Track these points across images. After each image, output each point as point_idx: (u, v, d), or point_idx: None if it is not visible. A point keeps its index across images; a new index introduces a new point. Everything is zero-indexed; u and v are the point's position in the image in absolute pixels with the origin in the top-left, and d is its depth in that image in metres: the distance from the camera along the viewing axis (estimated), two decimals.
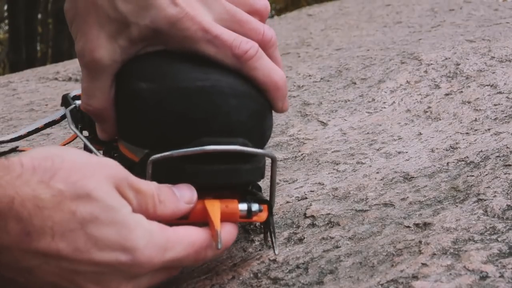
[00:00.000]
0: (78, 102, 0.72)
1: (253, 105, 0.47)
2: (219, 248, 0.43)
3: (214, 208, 0.45)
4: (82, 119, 0.67)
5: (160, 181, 0.46)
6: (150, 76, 0.47)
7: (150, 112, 0.46)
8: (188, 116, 0.45)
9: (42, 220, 0.38)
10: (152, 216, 0.43)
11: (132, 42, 0.48)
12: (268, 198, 0.49)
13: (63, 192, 0.39)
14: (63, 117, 0.76)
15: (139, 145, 0.48)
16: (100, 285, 0.41)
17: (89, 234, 0.39)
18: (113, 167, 0.43)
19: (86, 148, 0.71)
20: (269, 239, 0.50)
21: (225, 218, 0.46)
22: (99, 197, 0.40)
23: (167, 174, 0.46)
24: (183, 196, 0.45)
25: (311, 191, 0.64)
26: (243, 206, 0.47)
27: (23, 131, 0.83)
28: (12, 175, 0.38)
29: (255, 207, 0.47)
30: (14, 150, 0.88)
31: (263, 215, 0.48)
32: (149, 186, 0.44)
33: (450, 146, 0.73)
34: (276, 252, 0.49)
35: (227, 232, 0.46)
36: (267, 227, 0.50)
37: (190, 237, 0.44)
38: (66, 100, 0.72)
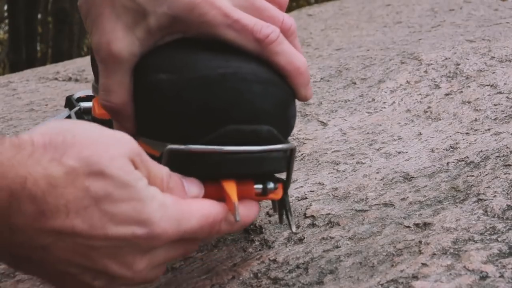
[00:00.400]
0: (82, 104, 0.71)
1: (277, 92, 0.46)
2: (238, 221, 0.43)
3: (230, 185, 0.44)
4: (86, 121, 0.67)
5: (180, 168, 0.45)
6: (169, 67, 0.46)
7: (171, 103, 0.45)
8: (211, 105, 0.44)
9: (56, 198, 0.38)
10: None
11: (150, 32, 0.47)
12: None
13: (75, 169, 0.38)
14: (68, 118, 0.76)
15: (160, 139, 0.46)
16: (116, 260, 0.40)
17: (104, 210, 0.39)
18: (127, 141, 0.42)
19: None
20: (285, 217, 0.49)
21: (241, 195, 0.45)
22: (113, 174, 0.39)
23: (188, 161, 0.45)
24: (190, 190, 0.44)
25: (311, 191, 0.64)
26: (258, 185, 0.46)
27: None
28: (23, 154, 0.38)
29: (270, 185, 0.46)
30: None
31: (279, 193, 0.47)
32: (160, 170, 0.43)
33: (450, 146, 0.73)
34: (293, 229, 0.48)
35: (247, 208, 0.45)
36: (283, 205, 0.49)
37: (204, 209, 0.43)
38: (70, 102, 0.72)
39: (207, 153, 0.44)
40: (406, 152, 0.74)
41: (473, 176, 0.62)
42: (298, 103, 1.06)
